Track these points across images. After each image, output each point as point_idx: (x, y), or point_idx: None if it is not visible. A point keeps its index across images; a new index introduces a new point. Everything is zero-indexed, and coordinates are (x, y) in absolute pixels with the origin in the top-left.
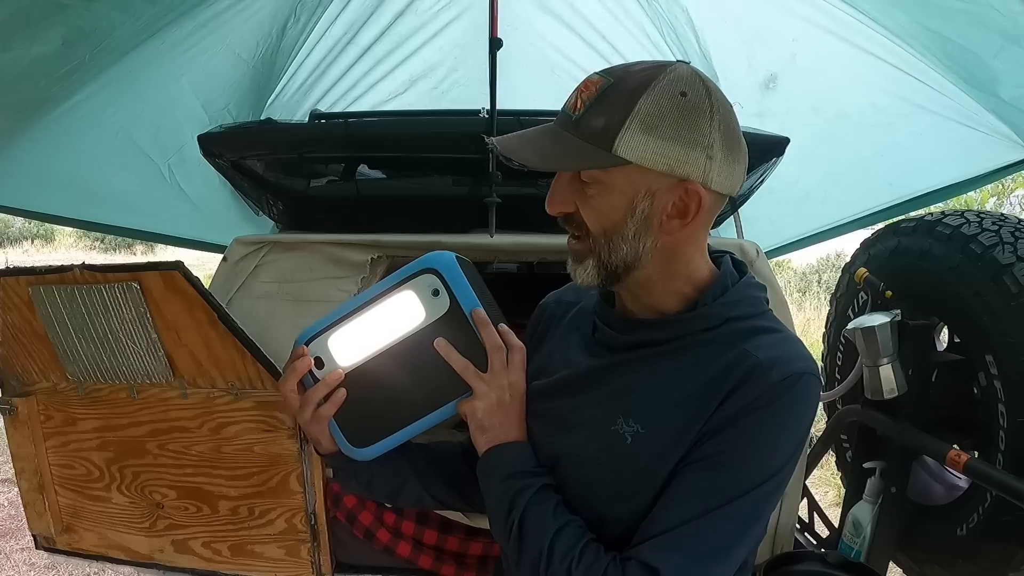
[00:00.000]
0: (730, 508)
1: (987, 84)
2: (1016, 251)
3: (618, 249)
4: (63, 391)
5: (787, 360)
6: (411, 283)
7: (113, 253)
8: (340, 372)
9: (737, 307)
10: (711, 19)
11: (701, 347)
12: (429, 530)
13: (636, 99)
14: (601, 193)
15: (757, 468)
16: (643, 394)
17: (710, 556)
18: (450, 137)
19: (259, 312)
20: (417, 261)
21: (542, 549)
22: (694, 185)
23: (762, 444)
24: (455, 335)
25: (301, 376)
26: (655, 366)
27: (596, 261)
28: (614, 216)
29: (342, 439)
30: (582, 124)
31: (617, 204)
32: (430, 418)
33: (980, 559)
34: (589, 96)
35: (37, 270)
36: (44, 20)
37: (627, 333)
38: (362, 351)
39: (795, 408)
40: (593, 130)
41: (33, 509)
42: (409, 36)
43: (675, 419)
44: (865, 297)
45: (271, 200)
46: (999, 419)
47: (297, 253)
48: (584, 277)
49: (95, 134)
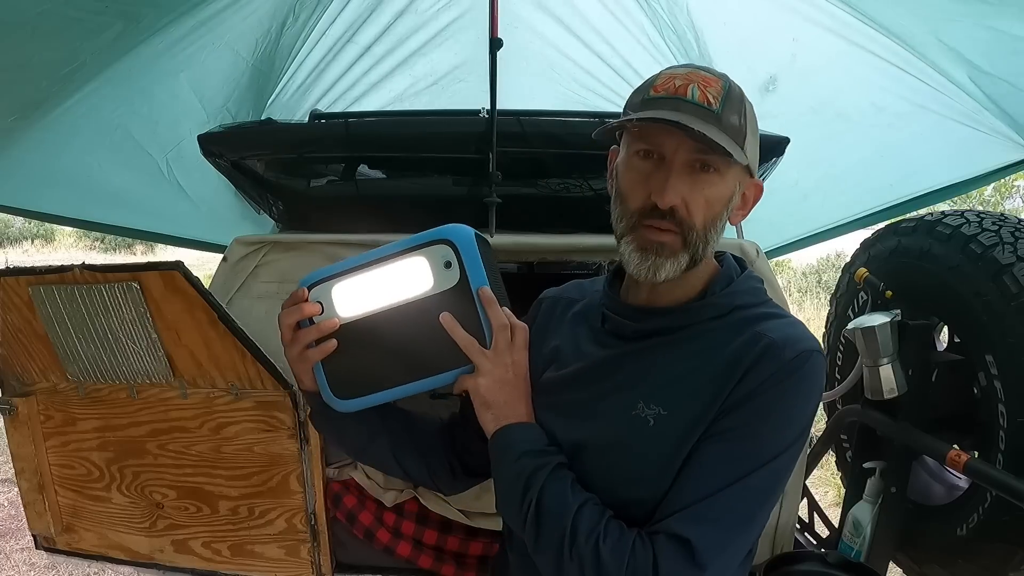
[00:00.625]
0: (751, 479)
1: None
2: (1016, 251)
3: (712, 240)
4: (63, 391)
5: (797, 339)
6: (425, 250)
7: (113, 253)
8: (335, 322)
9: (742, 296)
10: (711, 20)
11: (712, 334)
12: (429, 530)
13: (744, 104)
14: (716, 185)
15: (774, 440)
16: (660, 380)
17: (735, 526)
18: (450, 137)
19: (259, 312)
20: (436, 230)
21: (565, 527)
22: (760, 182)
23: (778, 417)
24: (459, 309)
25: (300, 318)
26: (668, 354)
27: (691, 254)
28: (719, 208)
29: (325, 386)
30: (723, 119)
31: (725, 196)
32: (416, 385)
33: (980, 559)
34: (717, 93)
35: (37, 270)
36: (46, 20)
37: (640, 321)
38: (362, 306)
39: (806, 383)
40: (732, 126)
41: (33, 509)
42: (409, 36)
43: (695, 401)
44: (865, 297)
45: (271, 200)
46: (999, 419)
47: (297, 253)
48: (670, 270)
49: (94, 132)
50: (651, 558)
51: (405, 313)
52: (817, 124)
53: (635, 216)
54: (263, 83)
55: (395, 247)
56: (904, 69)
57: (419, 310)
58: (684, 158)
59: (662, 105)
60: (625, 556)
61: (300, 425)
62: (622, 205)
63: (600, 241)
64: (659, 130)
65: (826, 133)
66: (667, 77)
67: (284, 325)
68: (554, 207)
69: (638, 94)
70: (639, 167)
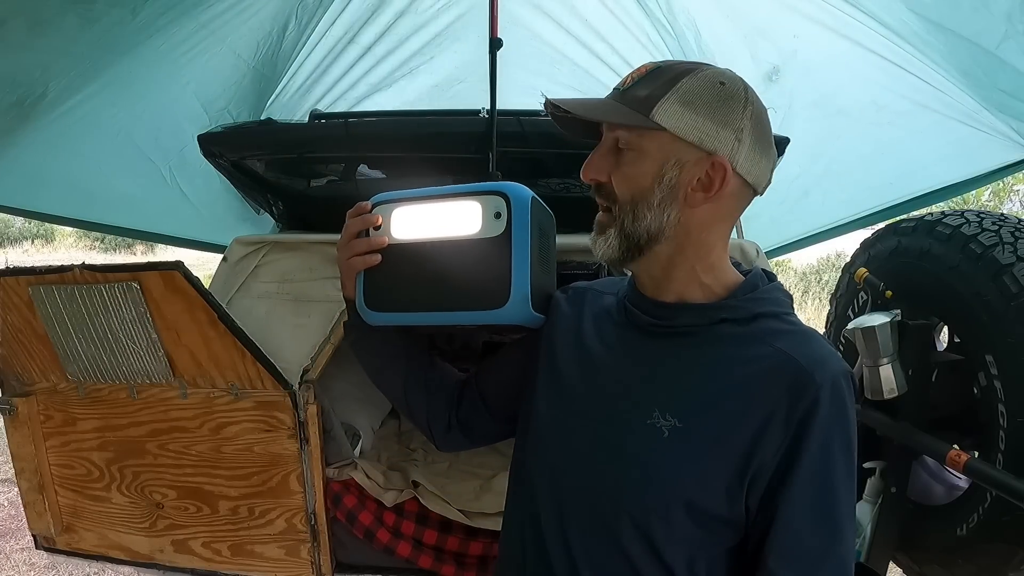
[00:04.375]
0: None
1: (988, 75)
2: (1016, 251)
3: (642, 217)
4: (63, 391)
5: (825, 363)
6: (482, 197)
7: (113, 253)
8: (385, 240)
9: (765, 304)
10: (713, 15)
11: (732, 341)
12: (429, 530)
13: (679, 79)
14: (634, 160)
15: (848, 476)
16: (677, 387)
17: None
18: (450, 137)
19: (259, 312)
20: (500, 183)
21: None
22: (720, 159)
23: (845, 460)
24: (495, 258)
25: (362, 229)
26: (688, 358)
27: (619, 230)
28: (643, 182)
29: (361, 295)
30: (628, 94)
31: (648, 170)
32: (441, 316)
33: (980, 559)
34: (639, 75)
35: (37, 270)
36: (47, 21)
37: (657, 316)
38: (413, 232)
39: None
40: (637, 98)
41: (33, 509)
42: (409, 36)
43: (712, 417)
44: (865, 297)
45: (271, 200)
46: (999, 419)
47: (297, 253)
48: (605, 249)
49: (95, 134)
50: None
51: (448, 248)
52: (818, 118)
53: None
54: (264, 85)
55: (459, 188)
56: (905, 68)
57: (461, 249)
58: (605, 137)
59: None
60: None
61: (300, 425)
62: None
63: None
64: (565, 117)
65: (827, 128)
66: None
67: (346, 231)
68: (554, 207)
69: None
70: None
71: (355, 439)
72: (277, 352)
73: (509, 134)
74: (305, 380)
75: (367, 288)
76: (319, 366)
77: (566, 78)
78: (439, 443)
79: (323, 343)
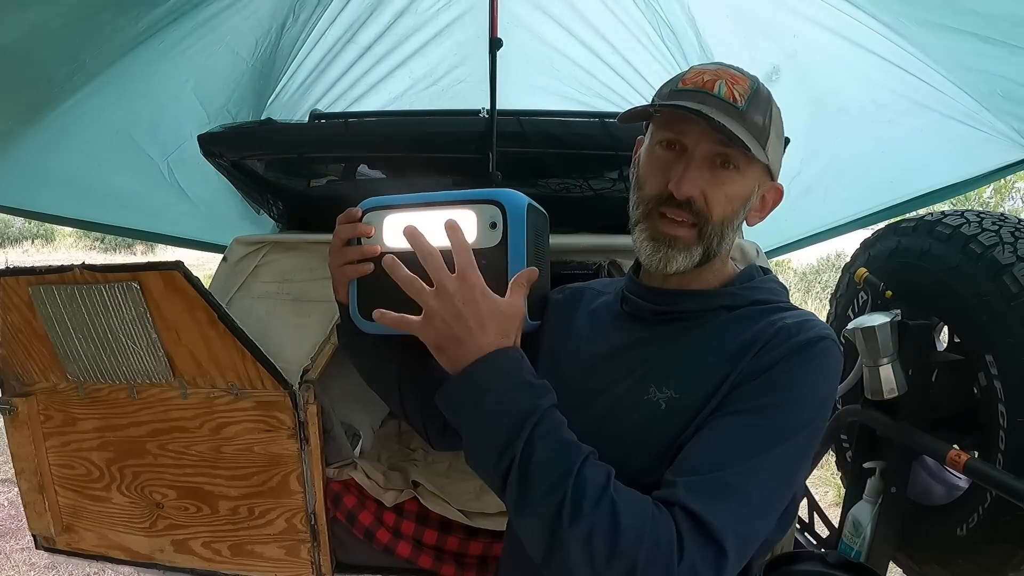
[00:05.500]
0: (768, 456)
1: (988, 75)
2: (1016, 251)
3: (728, 238)
4: (63, 391)
5: (811, 326)
6: (477, 206)
7: (113, 253)
8: (377, 249)
9: (762, 293)
10: (713, 15)
11: (728, 323)
12: (429, 530)
13: (771, 105)
14: (735, 182)
15: (789, 417)
16: (673, 365)
17: (756, 510)
18: (450, 137)
19: (259, 312)
20: (495, 191)
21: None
22: (781, 187)
23: (792, 393)
24: (491, 269)
25: (352, 236)
26: (683, 340)
27: (705, 248)
28: (736, 205)
29: (354, 302)
30: (747, 117)
31: (743, 194)
32: None
33: (980, 559)
34: (744, 91)
35: (37, 270)
36: (48, 21)
37: (658, 303)
38: (406, 241)
39: (819, 362)
40: (755, 125)
41: (33, 509)
42: (409, 36)
43: (706, 383)
44: (865, 297)
45: (271, 200)
46: (999, 419)
47: (297, 253)
48: (681, 263)
49: (95, 133)
50: (674, 534)
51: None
52: (819, 116)
53: (651, 203)
54: (263, 84)
55: (454, 195)
56: (905, 68)
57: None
58: (705, 150)
59: (689, 97)
60: (646, 525)
61: (300, 425)
62: (639, 192)
63: (600, 241)
64: (682, 119)
65: (827, 126)
66: (696, 72)
67: (336, 238)
68: (554, 207)
69: (667, 86)
70: (660, 156)
71: (355, 439)
72: (277, 352)
73: (509, 134)
74: (305, 380)
75: (360, 296)
76: (319, 366)
77: (566, 78)
78: (435, 444)
79: (323, 343)
